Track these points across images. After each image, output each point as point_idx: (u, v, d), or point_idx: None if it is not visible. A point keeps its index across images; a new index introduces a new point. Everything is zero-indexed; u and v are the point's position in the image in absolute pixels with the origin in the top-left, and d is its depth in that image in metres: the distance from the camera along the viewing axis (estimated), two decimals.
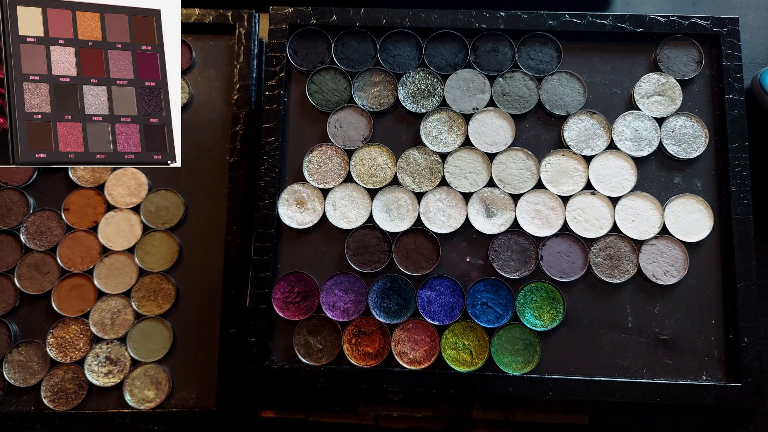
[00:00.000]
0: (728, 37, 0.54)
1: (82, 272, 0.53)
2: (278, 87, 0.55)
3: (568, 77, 0.55)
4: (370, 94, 0.56)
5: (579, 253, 0.52)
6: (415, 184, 0.54)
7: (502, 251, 0.53)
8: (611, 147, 0.54)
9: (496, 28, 0.55)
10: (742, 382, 0.49)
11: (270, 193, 0.53)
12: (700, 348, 0.51)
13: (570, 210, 0.53)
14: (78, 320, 0.52)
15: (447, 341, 0.51)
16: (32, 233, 0.54)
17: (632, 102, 0.54)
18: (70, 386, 0.51)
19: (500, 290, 0.52)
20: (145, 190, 0.55)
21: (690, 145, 0.53)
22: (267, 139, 0.54)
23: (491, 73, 0.55)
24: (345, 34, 0.56)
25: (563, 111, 0.54)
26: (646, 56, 0.55)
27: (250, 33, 0.57)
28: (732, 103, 0.52)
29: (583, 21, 0.55)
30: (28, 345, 0.52)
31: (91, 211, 0.54)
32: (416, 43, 0.56)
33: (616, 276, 0.52)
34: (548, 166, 0.54)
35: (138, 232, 0.54)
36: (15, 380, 0.51)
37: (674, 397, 0.49)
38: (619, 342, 0.51)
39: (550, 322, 0.51)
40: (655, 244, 0.52)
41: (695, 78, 0.54)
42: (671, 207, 0.52)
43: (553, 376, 0.50)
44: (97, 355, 0.52)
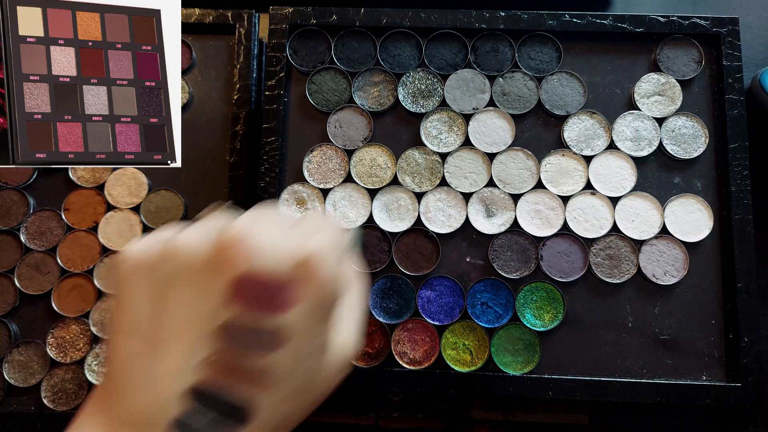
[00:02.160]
0: (728, 37, 0.54)
1: (82, 272, 0.53)
2: (278, 87, 0.55)
3: (568, 77, 0.55)
4: (370, 94, 0.56)
5: (579, 253, 0.52)
6: (415, 184, 0.54)
7: (502, 251, 0.53)
8: (611, 147, 0.54)
9: (496, 28, 0.55)
10: (743, 382, 0.49)
11: (270, 193, 0.53)
12: (700, 348, 0.51)
13: (570, 210, 0.53)
14: (78, 320, 0.53)
15: (447, 341, 0.51)
16: (32, 233, 0.54)
17: (632, 102, 0.55)
18: (71, 386, 0.52)
19: (500, 290, 0.52)
20: (145, 190, 0.55)
21: (690, 145, 0.54)
22: (267, 139, 0.54)
23: (491, 73, 0.55)
24: (345, 34, 0.56)
25: (563, 111, 0.55)
26: (646, 56, 0.56)
27: (250, 33, 0.57)
28: (732, 103, 0.53)
29: (583, 21, 0.55)
30: (28, 345, 0.53)
31: (91, 211, 0.54)
32: (416, 43, 0.56)
33: (616, 276, 0.52)
34: (548, 166, 0.54)
35: (138, 232, 0.54)
36: (15, 380, 0.52)
37: (674, 397, 0.49)
38: (620, 342, 0.51)
39: (550, 322, 0.51)
40: (655, 244, 0.52)
41: (695, 78, 0.55)
42: (671, 207, 0.53)
43: (553, 376, 0.50)
44: (97, 355, 0.52)
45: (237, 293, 0.26)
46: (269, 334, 0.26)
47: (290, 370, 0.27)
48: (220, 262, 0.26)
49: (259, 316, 0.26)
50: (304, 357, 0.27)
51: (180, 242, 0.27)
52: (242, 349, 0.26)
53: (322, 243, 0.27)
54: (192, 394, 0.25)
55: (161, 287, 0.27)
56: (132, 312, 0.27)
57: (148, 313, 0.27)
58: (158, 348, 0.26)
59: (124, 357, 0.27)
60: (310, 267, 0.26)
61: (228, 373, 0.26)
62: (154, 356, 0.26)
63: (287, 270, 0.26)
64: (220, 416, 0.25)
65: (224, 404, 0.25)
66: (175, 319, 0.26)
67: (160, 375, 0.26)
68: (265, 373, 0.26)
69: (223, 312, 0.26)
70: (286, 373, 0.27)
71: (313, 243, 0.27)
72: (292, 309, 0.26)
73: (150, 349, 0.26)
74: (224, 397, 0.25)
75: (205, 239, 0.27)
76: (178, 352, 0.26)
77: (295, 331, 0.26)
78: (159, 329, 0.26)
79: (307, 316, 0.27)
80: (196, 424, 0.25)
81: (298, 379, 0.28)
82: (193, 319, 0.26)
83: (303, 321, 0.26)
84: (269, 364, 0.26)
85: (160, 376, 0.26)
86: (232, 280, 0.26)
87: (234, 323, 0.26)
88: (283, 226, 0.28)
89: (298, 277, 0.26)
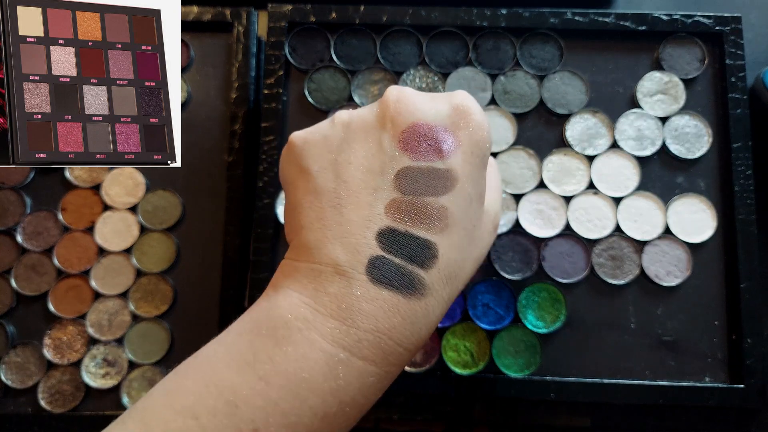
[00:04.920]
0: (731, 35, 0.55)
1: (79, 273, 0.55)
2: (277, 85, 0.56)
3: (570, 76, 0.57)
4: (370, 93, 0.57)
5: (581, 253, 0.54)
6: None
7: (503, 252, 0.54)
8: (614, 146, 0.55)
9: (498, 26, 0.57)
10: (746, 383, 0.50)
11: (269, 192, 0.55)
12: (703, 349, 0.52)
13: (572, 210, 0.54)
14: (75, 321, 0.54)
15: (448, 343, 0.53)
16: (29, 233, 0.55)
17: (635, 101, 0.56)
18: (68, 388, 0.53)
19: (502, 291, 0.53)
20: (142, 189, 0.56)
21: (693, 145, 0.55)
22: (266, 138, 0.55)
23: (492, 72, 0.57)
24: (345, 32, 0.58)
25: (565, 110, 0.56)
26: (649, 54, 0.57)
27: (248, 31, 0.58)
28: (735, 102, 0.54)
29: (585, 19, 0.56)
30: (25, 346, 0.54)
31: (88, 212, 0.56)
32: (417, 41, 0.58)
33: (619, 277, 0.53)
34: (550, 166, 0.55)
35: (135, 232, 0.55)
36: (12, 382, 0.53)
37: (677, 398, 0.50)
38: (622, 344, 0.52)
39: (552, 323, 0.53)
40: (658, 245, 0.54)
41: (698, 77, 0.56)
42: (674, 207, 0.54)
43: (555, 378, 0.51)
44: (94, 356, 0.54)
45: (406, 144, 0.31)
46: (441, 177, 0.30)
47: (461, 212, 0.31)
48: (388, 120, 0.31)
49: (429, 161, 0.30)
50: (470, 202, 0.31)
51: (345, 115, 0.33)
52: (420, 192, 0.30)
53: (464, 96, 0.33)
54: (380, 237, 0.29)
55: (336, 154, 0.31)
56: (312, 181, 0.31)
57: (328, 178, 0.31)
58: (343, 205, 0.30)
59: (313, 219, 0.31)
60: (462, 114, 0.32)
61: (410, 216, 0.30)
62: (340, 213, 0.30)
63: (445, 118, 0.31)
64: (404, 261, 0.29)
65: (410, 247, 0.29)
66: (354, 177, 0.31)
67: (350, 227, 0.30)
68: (442, 213, 0.30)
69: (398, 161, 0.30)
70: (458, 216, 0.30)
71: (457, 97, 0.32)
72: (456, 152, 0.31)
73: (335, 207, 0.30)
74: (409, 239, 0.29)
75: (368, 108, 0.33)
76: (363, 203, 0.30)
77: (461, 174, 0.31)
78: (340, 189, 0.31)
79: (467, 161, 0.31)
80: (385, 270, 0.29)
81: (467, 224, 0.31)
82: (371, 172, 0.30)
83: (465, 165, 0.31)
84: (444, 204, 0.30)
85: (350, 228, 0.30)
86: (400, 132, 0.31)
87: (409, 169, 0.30)
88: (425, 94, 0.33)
89: (455, 123, 0.31)
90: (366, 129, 0.32)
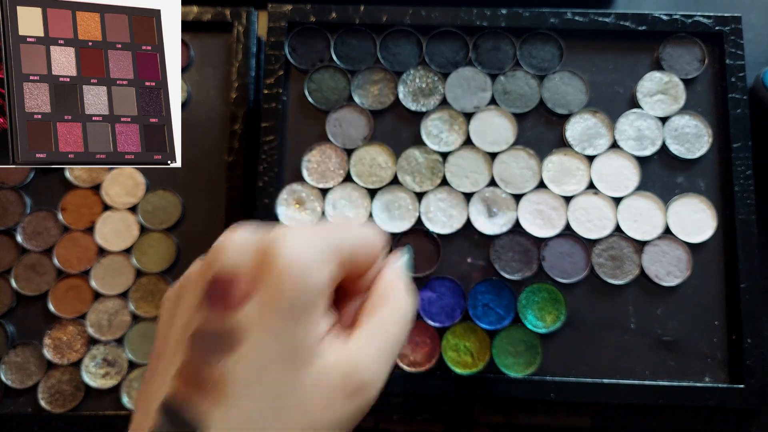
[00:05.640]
0: (731, 35, 0.56)
1: (78, 273, 0.55)
2: (277, 85, 0.57)
3: (570, 76, 0.57)
4: (369, 93, 0.58)
5: (581, 253, 0.54)
6: (416, 183, 0.56)
7: (503, 252, 0.54)
8: (614, 146, 0.56)
9: (498, 26, 0.57)
10: (746, 383, 0.50)
11: (269, 192, 0.55)
12: (703, 349, 0.52)
13: (572, 210, 0.55)
14: (75, 321, 0.54)
15: (448, 343, 0.53)
16: (29, 233, 0.56)
17: (635, 101, 0.56)
18: (68, 388, 0.53)
19: (502, 291, 0.54)
20: (142, 189, 0.56)
21: (693, 145, 0.55)
22: (265, 138, 0.56)
23: (492, 72, 0.57)
24: (345, 32, 0.58)
25: (565, 110, 0.56)
26: (649, 54, 0.57)
27: (248, 31, 0.59)
28: (735, 102, 0.54)
29: (585, 19, 0.57)
30: (25, 346, 0.54)
31: (88, 212, 0.56)
32: (417, 41, 0.58)
33: (619, 277, 0.54)
34: (550, 165, 0.56)
35: (135, 232, 0.56)
36: (12, 382, 0.53)
37: (677, 398, 0.51)
38: (622, 344, 0.53)
39: (552, 323, 0.53)
40: (658, 245, 0.54)
41: (698, 77, 0.56)
42: (674, 207, 0.54)
43: (555, 378, 0.52)
44: (94, 356, 0.54)
45: (205, 296, 0.25)
46: (224, 335, 0.24)
47: (249, 379, 0.24)
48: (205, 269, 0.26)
49: (216, 316, 0.25)
50: (266, 364, 0.24)
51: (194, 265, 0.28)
52: (200, 355, 0.24)
53: (286, 230, 0.26)
54: (160, 409, 0.24)
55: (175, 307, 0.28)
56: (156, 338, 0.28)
57: (162, 334, 0.28)
58: (159, 364, 0.26)
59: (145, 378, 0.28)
60: (267, 255, 0.25)
61: (186, 384, 0.24)
62: (154, 373, 0.27)
63: (246, 263, 0.25)
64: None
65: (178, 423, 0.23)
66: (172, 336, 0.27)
67: (152, 391, 0.26)
68: (218, 382, 0.24)
69: (196, 318, 0.25)
70: (244, 384, 0.24)
71: (276, 232, 0.26)
72: (251, 303, 0.25)
73: (153, 368, 0.27)
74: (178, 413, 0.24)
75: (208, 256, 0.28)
76: (167, 367, 0.26)
77: (251, 331, 0.24)
78: (165, 345, 0.27)
79: (264, 312, 0.24)
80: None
81: (264, 393, 0.24)
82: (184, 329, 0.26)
83: (260, 318, 0.24)
84: (222, 371, 0.24)
85: (151, 393, 0.26)
86: (205, 283, 0.26)
87: (199, 327, 0.25)
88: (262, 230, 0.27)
89: (254, 268, 0.25)
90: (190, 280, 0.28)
